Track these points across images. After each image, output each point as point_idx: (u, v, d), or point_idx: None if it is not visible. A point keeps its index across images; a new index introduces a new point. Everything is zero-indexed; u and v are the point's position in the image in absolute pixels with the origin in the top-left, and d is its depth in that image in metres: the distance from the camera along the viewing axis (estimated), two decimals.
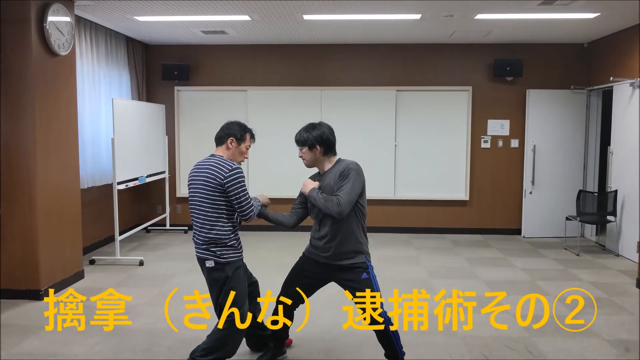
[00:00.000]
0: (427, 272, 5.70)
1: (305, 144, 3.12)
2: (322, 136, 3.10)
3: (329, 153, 3.16)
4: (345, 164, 3.08)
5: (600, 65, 7.10)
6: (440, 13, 5.68)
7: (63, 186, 5.03)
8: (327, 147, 3.14)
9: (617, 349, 3.70)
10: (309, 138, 3.10)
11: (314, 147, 3.11)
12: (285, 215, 3.28)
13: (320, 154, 3.13)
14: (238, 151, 3.19)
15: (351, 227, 3.09)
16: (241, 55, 7.70)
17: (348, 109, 7.61)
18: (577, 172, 7.50)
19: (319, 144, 3.10)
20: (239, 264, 3.15)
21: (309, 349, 3.69)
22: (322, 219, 3.13)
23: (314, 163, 3.18)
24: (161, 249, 6.73)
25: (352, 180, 2.99)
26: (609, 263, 6.11)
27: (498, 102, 7.60)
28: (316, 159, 3.16)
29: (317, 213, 3.14)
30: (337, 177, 3.05)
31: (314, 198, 3.06)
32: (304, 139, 3.12)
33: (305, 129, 3.15)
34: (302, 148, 3.15)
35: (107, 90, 6.71)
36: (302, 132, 3.15)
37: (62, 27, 4.91)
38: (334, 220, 3.05)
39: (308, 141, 3.10)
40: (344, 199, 2.95)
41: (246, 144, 3.21)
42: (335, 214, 2.97)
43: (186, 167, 7.88)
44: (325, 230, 3.11)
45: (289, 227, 3.32)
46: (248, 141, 3.23)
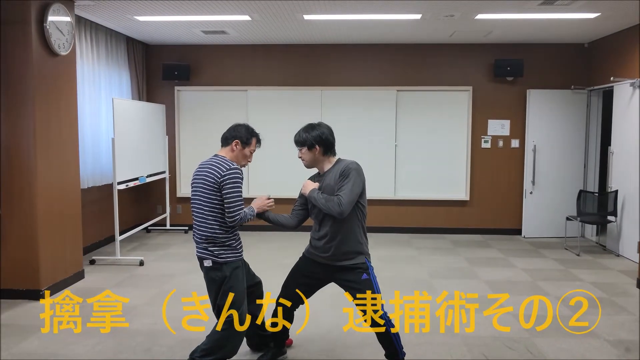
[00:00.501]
0: (427, 272, 5.70)
1: (305, 145, 3.11)
2: (322, 136, 3.10)
3: (328, 153, 3.16)
4: (345, 164, 3.08)
5: (600, 65, 7.09)
6: (441, 13, 5.68)
7: (63, 186, 5.03)
8: (327, 148, 3.13)
9: (617, 349, 3.70)
10: (308, 138, 3.10)
11: (313, 148, 3.11)
12: (287, 217, 3.28)
13: (319, 154, 3.13)
14: (242, 154, 3.19)
15: (351, 227, 3.08)
16: (241, 55, 7.70)
17: (348, 109, 7.61)
18: (577, 172, 7.50)
19: (318, 144, 3.10)
20: (238, 264, 3.13)
21: (309, 349, 3.68)
22: (322, 219, 3.12)
23: (313, 163, 3.18)
24: (161, 249, 6.73)
25: (352, 180, 2.99)
26: (610, 263, 6.11)
27: (498, 102, 7.59)
28: (315, 159, 3.15)
29: (318, 213, 3.14)
30: (337, 177, 3.05)
31: (314, 199, 3.06)
32: (303, 139, 3.12)
33: (305, 129, 3.15)
34: (301, 148, 3.15)
35: (108, 90, 6.71)
36: (301, 133, 3.14)
37: (63, 27, 4.91)
38: (335, 220, 3.05)
39: (307, 141, 3.10)
40: (344, 199, 2.95)
41: (251, 148, 3.21)
42: (336, 214, 2.96)
43: (186, 167, 7.88)
44: (325, 230, 3.11)
45: (290, 229, 3.32)
46: (253, 145, 3.22)
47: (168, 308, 4.49)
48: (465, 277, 5.54)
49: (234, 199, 2.99)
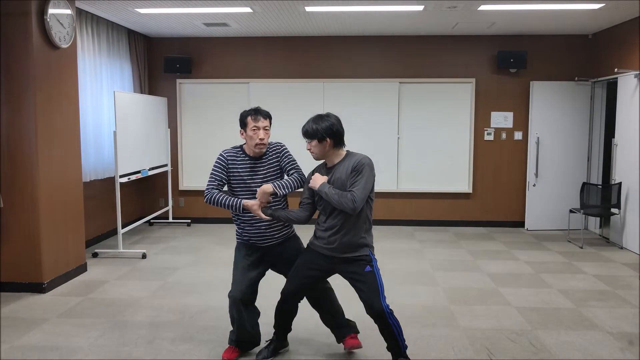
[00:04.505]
0: (430, 265, 5.69)
1: (315, 137, 3.01)
2: (332, 128, 3.01)
3: (338, 145, 3.09)
4: (357, 158, 3.02)
5: (604, 57, 7.04)
6: (444, 4, 5.64)
7: (65, 179, 5.03)
8: (337, 139, 3.06)
9: (620, 342, 3.69)
10: (319, 130, 2.99)
11: (324, 140, 3.02)
12: (297, 212, 3.21)
13: (330, 147, 3.05)
14: (247, 137, 3.22)
15: (358, 220, 3.06)
16: (243, 47, 7.67)
17: (350, 101, 7.58)
18: (581, 165, 7.46)
19: (329, 136, 3.01)
20: (239, 246, 3.39)
21: (311, 341, 3.68)
22: (330, 211, 3.07)
23: (323, 156, 3.10)
24: (164, 242, 6.73)
25: (365, 176, 2.95)
26: (613, 256, 6.09)
27: (502, 94, 7.55)
28: (325, 152, 3.07)
29: (326, 205, 3.09)
30: (349, 171, 2.99)
31: (325, 194, 2.98)
32: (313, 131, 3.01)
33: (314, 120, 3.05)
34: (310, 141, 3.05)
35: (109, 83, 6.69)
36: (310, 124, 3.04)
37: (63, 19, 4.89)
38: (343, 212, 3.02)
39: (318, 134, 3.00)
40: (358, 195, 2.90)
41: (249, 127, 3.19)
42: (349, 210, 2.92)
43: (188, 160, 7.88)
44: (332, 222, 3.07)
45: (301, 223, 3.23)
46: (250, 123, 3.19)
47: (170, 301, 4.50)
48: (468, 269, 5.53)
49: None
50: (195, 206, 7.95)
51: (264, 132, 3.21)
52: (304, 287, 3.27)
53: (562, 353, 3.51)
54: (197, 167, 7.86)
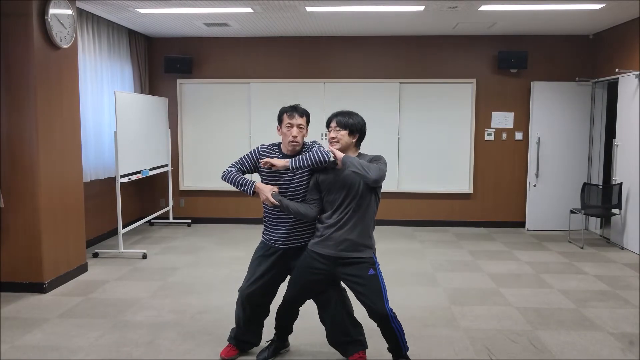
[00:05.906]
0: (430, 265, 5.69)
1: (347, 127, 3.06)
2: (364, 125, 3.13)
3: (359, 143, 3.16)
4: (372, 155, 3.07)
5: (605, 57, 7.04)
6: (444, 4, 5.64)
7: (66, 179, 5.03)
8: (362, 137, 3.15)
9: (621, 342, 3.69)
10: (355, 124, 3.07)
11: (354, 133, 3.08)
12: (306, 207, 3.13)
13: (354, 141, 3.11)
14: (282, 134, 3.19)
15: (365, 218, 3.04)
16: (244, 47, 7.67)
17: (351, 102, 7.54)
18: (581, 165, 7.46)
19: (359, 132, 3.10)
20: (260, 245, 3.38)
21: (312, 342, 3.68)
22: (338, 204, 3.04)
23: (346, 148, 3.09)
24: (164, 242, 6.73)
25: (383, 164, 2.99)
26: (614, 256, 6.08)
27: (502, 95, 7.55)
28: (348, 145, 3.09)
29: (335, 198, 3.05)
30: None
31: (350, 162, 2.91)
32: (349, 123, 3.06)
33: (348, 114, 3.10)
34: (341, 130, 3.06)
35: (110, 83, 6.69)
36: (344, 115, 3.08)
37: (64, 19, 4.89)
38: (351, 208, 3.00)
39: (353, 127, 3.06)
40: (383, 170, 2.93)
41: (284, 123, 3.16)
42: (373, 177, 2.86)
43: (189, 160, 7.88)
44: (338, 216, 3.03)
45: (309, 219, 3.17)
46: (285, 120, 3.15)
47: (171, 301, 4.50)
48: (468, 270, 5.52)
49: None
50: (195, 206, 7.96)
51: (298, 129, 3.15)
52: (304, 293, 3.24)
53: (563, 353, 3.51)
54: (197, 167, 7.86)
